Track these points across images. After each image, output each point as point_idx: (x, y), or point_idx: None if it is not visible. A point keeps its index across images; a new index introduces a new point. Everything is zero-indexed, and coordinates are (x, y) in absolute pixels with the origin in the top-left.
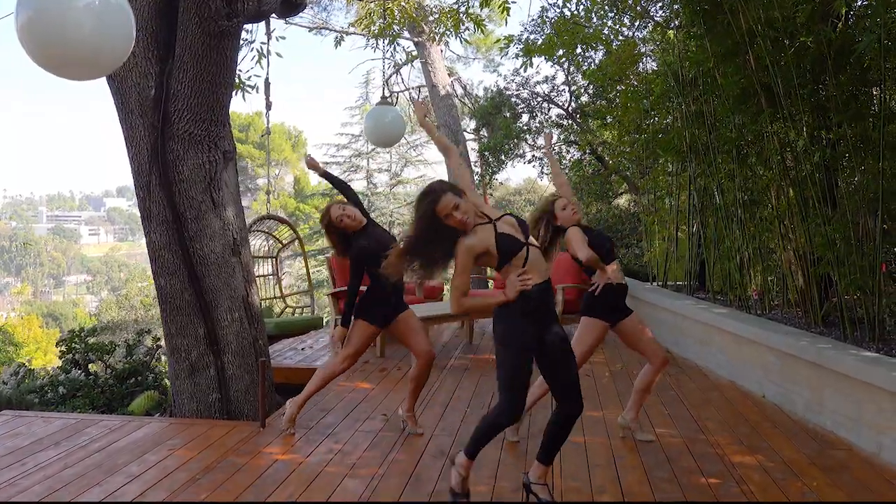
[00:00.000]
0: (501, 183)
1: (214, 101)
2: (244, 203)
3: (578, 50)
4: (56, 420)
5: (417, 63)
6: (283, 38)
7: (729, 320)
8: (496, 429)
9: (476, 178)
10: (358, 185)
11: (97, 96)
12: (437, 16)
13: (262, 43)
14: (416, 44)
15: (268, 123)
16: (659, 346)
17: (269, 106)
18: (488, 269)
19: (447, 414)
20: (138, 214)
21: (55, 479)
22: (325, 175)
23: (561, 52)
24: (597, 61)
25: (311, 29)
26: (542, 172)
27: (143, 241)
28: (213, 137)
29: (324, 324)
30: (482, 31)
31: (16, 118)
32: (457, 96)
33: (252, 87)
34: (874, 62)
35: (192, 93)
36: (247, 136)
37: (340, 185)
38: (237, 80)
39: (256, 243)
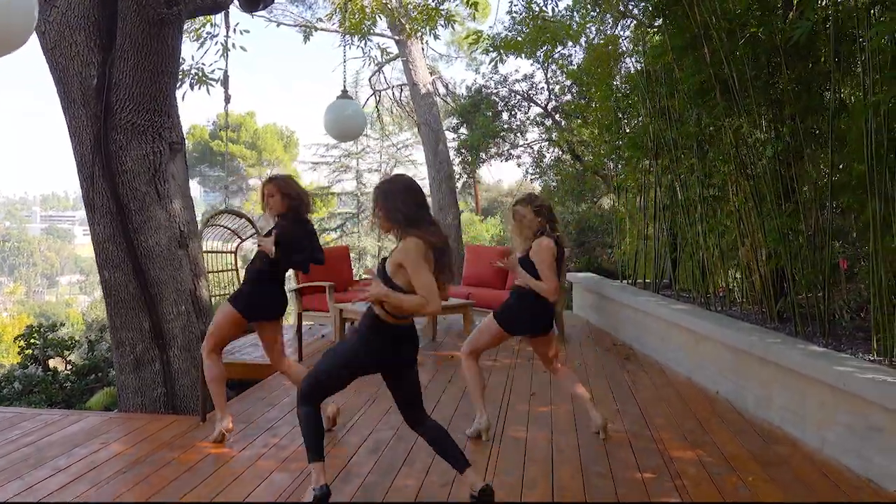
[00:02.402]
0: (494, 183)
1: (157, 91)
2: (236, 203)
3: (549, 47)
4: None
5: (398, 62)
6: (248, 31)
7: (687, 317)
8: None
9: (457, 176)
10: (348, 185)
11: None
12: (413, 13)
13: (226, 36)
14: (397, 42)
15: (227, 116)
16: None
17: (227, 99)
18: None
19: (393, 409)
20: None
21: None
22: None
23: (530, 48)
24: (577, 60)
25: (279, 24)
26: (527, 172)
27: None
28: (158, 128)
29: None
30: (452, 26)
31: (14, 118)
32: (438, 95)
33: (215, 81)
34: (823, 53)
35: (134, 82)
36: (238, 136)
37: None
38: (200, 75)
39: (214, 239)
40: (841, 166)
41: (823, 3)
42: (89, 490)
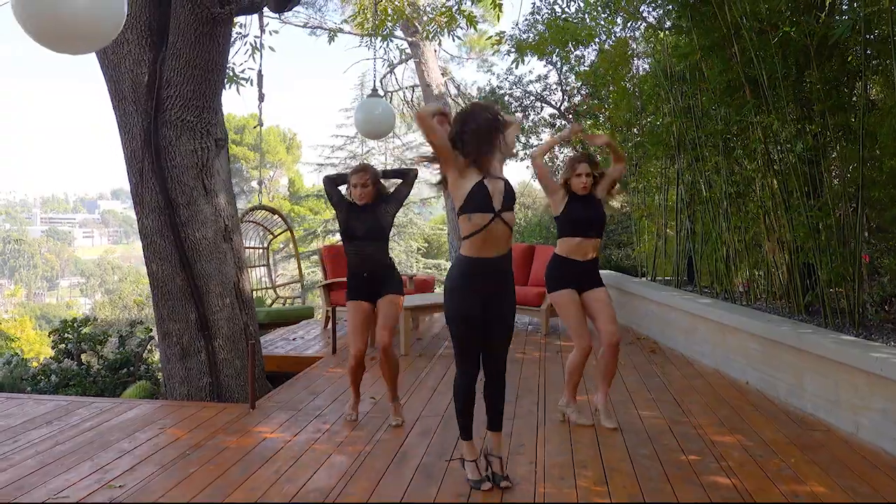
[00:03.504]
0: None
1: (207, 88)
2: (240, 204)
3: (570, 48)
4: (48, 402)
5: (411, 63)
6: (276, 31)
7: (713, 309)
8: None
9: None
10: None
11: (92, 100)
12: (431, 15)
13: (256, 36)
14: (410, 44)
15: (260, 115)
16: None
17: (261, 97)
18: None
19: (434, 398)
20: (133, 217)
21: (47, 454)
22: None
23: (552, 48)
24: (589, 61)
25: (305, 25)
26: (534, 176)
27: (138, 243)
28: (206, 124)
29: (314, 314)
30: (474, 27)
31: (13, 120)
32: (450, 96)
33: (246, 80)
34: (852, 52)
35: (185, 80)
36: (241, 137)
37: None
38: (231, 74)
39: (248, 234)
40: (870, 163)
41: (854, 5)
42: (157, 471)
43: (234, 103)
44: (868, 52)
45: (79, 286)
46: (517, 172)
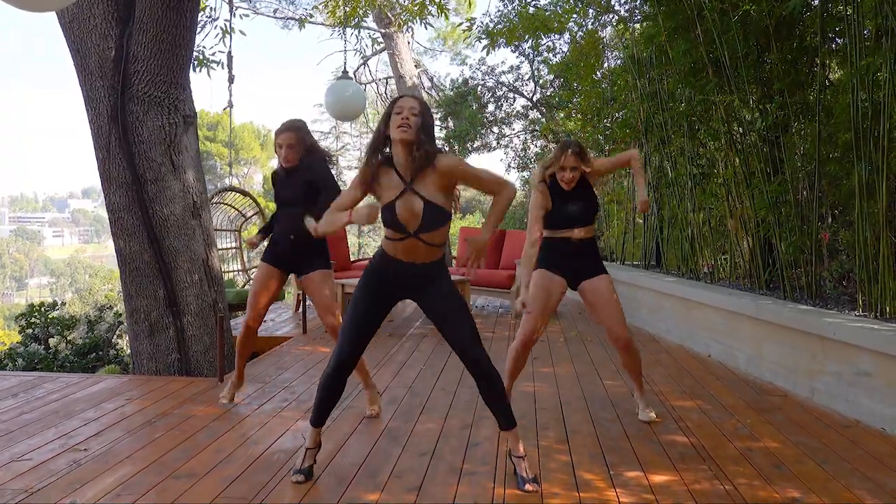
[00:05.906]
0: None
1: (174, 63)
2: (212, 201)
3: (539, 35)
4: (12, 377)
5: (385, 55)
6: (247, 15)
7: (679, 286)
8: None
9: None
10: None
11: (62, 99)
12: (404, 3)
13: (226, 20)
14: (383, 35)
15: (230, 96)
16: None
17: (231, 79)
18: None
19: (403, 371)
20: (105, 216)
21: (11, 423)
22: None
23: (522, 34)
24: (562, 51)
25: (274, 13)
26: (509, 167)
27: (110, 242)
28: (173, 100)
29: (284, 296)
30: (445, 16)
31: None
32: (424, 88)
33: (217, 63)
34: (810, 31)
35: (152, 55)
36: (215, 134)
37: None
38: (202, 58)
39: (223, 220)
40: (826, 137)
41: None
42: (124, 436)
43: (207, 100)
44: (825, 30)
45: (49, 286)
46: (489, 165)
